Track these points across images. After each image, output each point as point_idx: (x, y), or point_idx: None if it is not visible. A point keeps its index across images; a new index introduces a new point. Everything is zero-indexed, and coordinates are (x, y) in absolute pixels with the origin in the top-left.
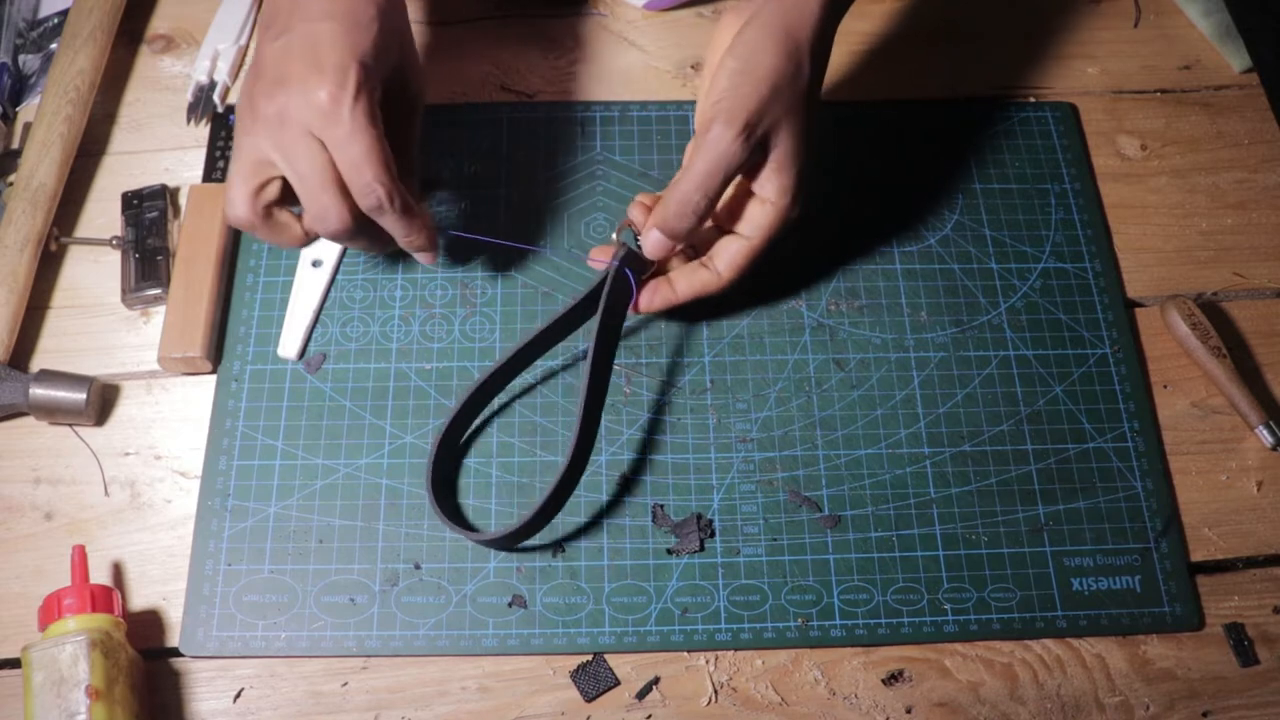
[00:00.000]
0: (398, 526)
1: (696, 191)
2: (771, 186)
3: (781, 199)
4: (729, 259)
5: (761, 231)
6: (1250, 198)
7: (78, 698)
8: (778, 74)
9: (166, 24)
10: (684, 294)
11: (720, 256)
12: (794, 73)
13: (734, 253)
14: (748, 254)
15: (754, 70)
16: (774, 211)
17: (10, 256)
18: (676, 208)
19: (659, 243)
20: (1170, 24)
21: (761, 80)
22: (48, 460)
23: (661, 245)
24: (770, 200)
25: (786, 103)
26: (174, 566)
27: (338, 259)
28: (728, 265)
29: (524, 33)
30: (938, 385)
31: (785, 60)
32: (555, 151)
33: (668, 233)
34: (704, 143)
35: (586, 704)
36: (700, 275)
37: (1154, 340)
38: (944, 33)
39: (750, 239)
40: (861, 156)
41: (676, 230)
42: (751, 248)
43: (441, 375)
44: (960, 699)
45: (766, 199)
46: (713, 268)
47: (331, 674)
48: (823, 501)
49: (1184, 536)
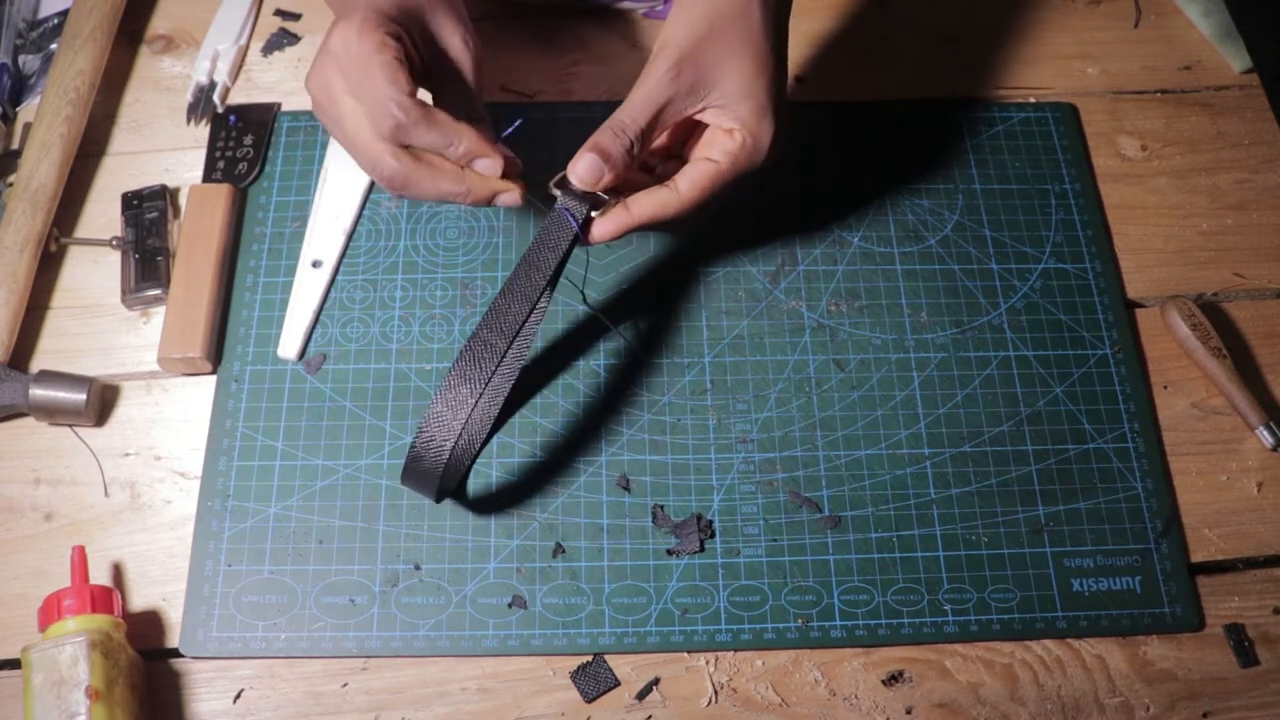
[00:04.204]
0: (398, 527)
1: (627, 115)
2: (729, 116)
3: (743, 128)
4: (691, 178)
5: (728, 157)
6: (1250, 198)
7: (77, 699)
8: (720, 13)
9: (166, 24)
10: (639, 214)
11: (683, 177)
12: (740, 9)
13: (697, 173)
14: (711, 176)
15: (696, 8)
16: (738, 139)
17: (10, 257)
18: (608, 131)
19: (590, 163)
20: (1170, 24)
21: (700, 19)
22: (48, 461)
23: (592, 166)
24: (733, 129)
25: (731, 39)
26: (174, 567)
27: (338, 259)
28: (690, 185)
29: (524, 33)
30: (938, 386)
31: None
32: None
33: (599, 153)
34: (642, 76)
35: (586, 704)
36: (659, 194)
37: (1154, 341)
38: (944, 33)
39: (716, 162)
40: (861, 157)
41: (608, 150)
42: (715, 170)
43: (441, 376)
44: (960, 700)
45: (730, 128)
46: (673, 187)
47: (331, 675)
48: (823, 502)
49: (1184, 537)
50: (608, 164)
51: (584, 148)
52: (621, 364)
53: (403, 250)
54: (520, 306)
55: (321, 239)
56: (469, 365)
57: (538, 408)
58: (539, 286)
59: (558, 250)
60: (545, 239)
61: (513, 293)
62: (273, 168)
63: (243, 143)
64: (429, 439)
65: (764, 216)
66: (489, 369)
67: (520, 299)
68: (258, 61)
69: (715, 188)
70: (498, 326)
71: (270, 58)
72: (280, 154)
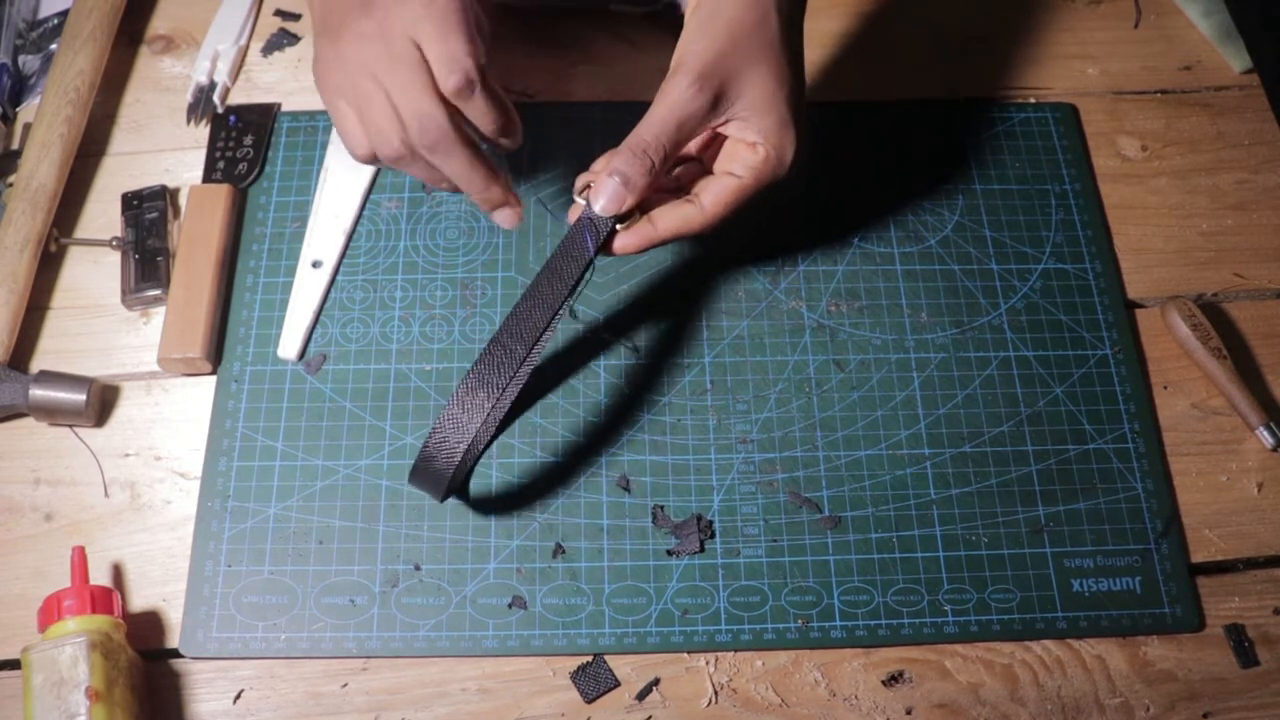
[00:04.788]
0: (398, 528)
1: (649, 134)
2: (751, 129)
3: (766, 142)
4: (715, 194)
5: (751, 171)
6: (1250, 198)
7: (77, 699)
8: (738, 24)
9: (166, 24)
10: (664, 229)
11: (706, 192)
12: (758, 20)
13: (721, 188)
14: (734, 191)
15: (714, 21)
16: (761, 153)
17: (10, 257)
18: (628, 153)
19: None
20: (1170, 24)
21: (720, 31)
22: (48, 461)
23: (614, 195)
24: (756, 142)
25: (751, 51)
26: (174, 568)
27: (338, 259)
28: (713, 200)
29: (524, 33)
30: (938, 386)
31: (747, 10)
32: (554, 151)
33: (620, 177)
34: (662, 91)
35: (586, 705)
36: (683, 209)
37: (1154, 341)
38: (944, 33)
39: (739, 177)
40: (862, 157)
41: (628, 175)
42: (739, 185)
43: (441, 376)
44: (960, 700)
45: (754, 141)
46: (697, 203)
47: (331, 675)
48: (823, 502)
49: (1184, 537)
50: (628, 189)
51: (606, 170)
52: (621, 364)
53: (403, 250)
54: (541, 314)
55: (321, 239)
56: (488, 370)
57: (537, 408)
58: (560, 295)
59: (580, 261)
60: (569, 248)
61: (535, 299)
62: (273, 168)
63: (243, 143)
64: (442, 440)
65: (764, 216)
66: (508, 375)
67: (542, 307)
68: (258, 62)
69: (739, 202)
70: (518, 332)
71: (270, 58)
72: (280, 154)
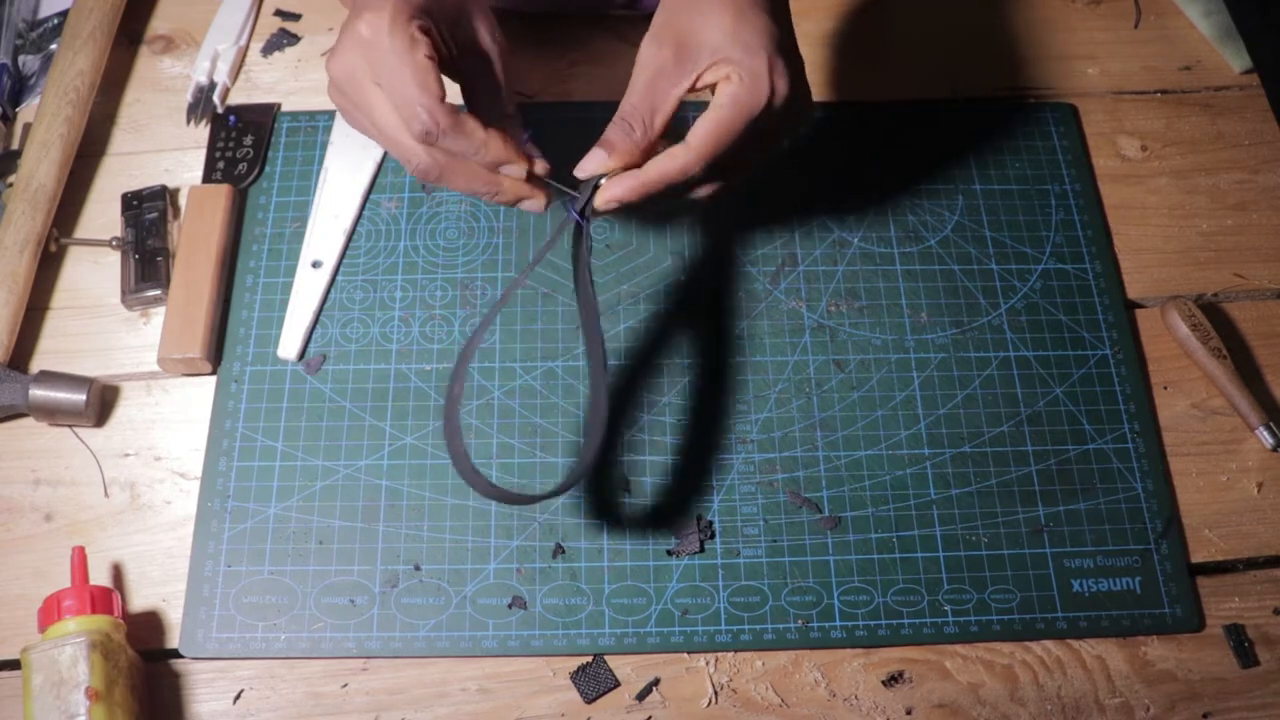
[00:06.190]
0: (397, 528)
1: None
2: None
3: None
4: (699, 130)
5: (731, 100)
6: (1250, 198)
7: (77, 699)
8: None
9: (166, 24)
10: (653, 171)
11: (692, 132)
12: None
13: (705, 122)
14: (719, 123)
15: None
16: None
17: (10, 257)
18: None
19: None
20: (1170, 25)
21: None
22: (47, 461)
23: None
24: (728, 74)
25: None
26: (174, 568)
27: (338, 260)
28: (700, 137)
29: (524, 33)
30: (938, 386)
31: None
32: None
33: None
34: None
35: (586, 705)
36: (671, 150)
37: (1154, 341)
38: (944, 33)
39: (720, 107)
40: (862, 157)
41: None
42: (721, 118)
43: (441, 376)
44: (960, 700)
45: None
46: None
47: (331, 675)
48: (823, 503)
49: (1184, 538)
50: (609, 151)
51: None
52: (621, 364)
53: (403, 250)
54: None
55: (321, 239)
56: None
57: (537, 408)
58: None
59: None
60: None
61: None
62: (273, 168)
63: (242, 143)
64: None
65: (764, 216)
66: None
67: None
68: (257, 62)
69: (726, 135)
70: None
71: (270, 58)
72: (280, 154)
